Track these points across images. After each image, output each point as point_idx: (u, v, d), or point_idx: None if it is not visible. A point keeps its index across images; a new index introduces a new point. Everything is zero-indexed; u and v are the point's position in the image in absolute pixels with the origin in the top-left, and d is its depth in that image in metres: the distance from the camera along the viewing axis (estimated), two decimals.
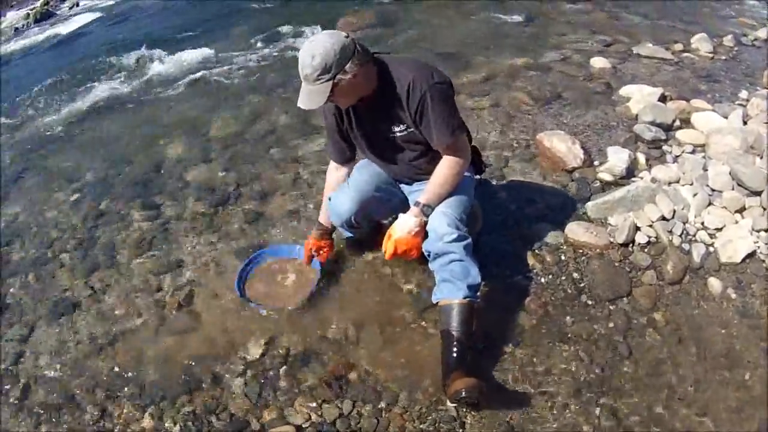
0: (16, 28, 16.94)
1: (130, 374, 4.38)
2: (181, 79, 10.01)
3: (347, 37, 3.70)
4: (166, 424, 3.99)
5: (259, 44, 11.24)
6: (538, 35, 10.18)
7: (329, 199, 4.62)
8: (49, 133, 8.71)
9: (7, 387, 4.45)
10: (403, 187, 4.59)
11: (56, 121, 9.02)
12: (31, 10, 17.70)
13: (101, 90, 9.99)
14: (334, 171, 4.70)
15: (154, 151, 7.54)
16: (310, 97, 3.73)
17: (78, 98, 9.74)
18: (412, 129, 4.04)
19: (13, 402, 4.32)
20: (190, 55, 10.91)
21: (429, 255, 4.08)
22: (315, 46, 3.63)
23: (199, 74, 10.10)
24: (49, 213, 6.56)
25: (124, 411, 4.12)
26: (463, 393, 3.53)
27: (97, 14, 16.42)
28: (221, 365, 4.32)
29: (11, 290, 5.46)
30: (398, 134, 4.11)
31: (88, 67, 11.12)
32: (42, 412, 4.21)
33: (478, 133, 5.65)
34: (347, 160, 4.62)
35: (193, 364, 4.37)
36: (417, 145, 4.18)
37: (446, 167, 4.07)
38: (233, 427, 3.91)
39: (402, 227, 4.08)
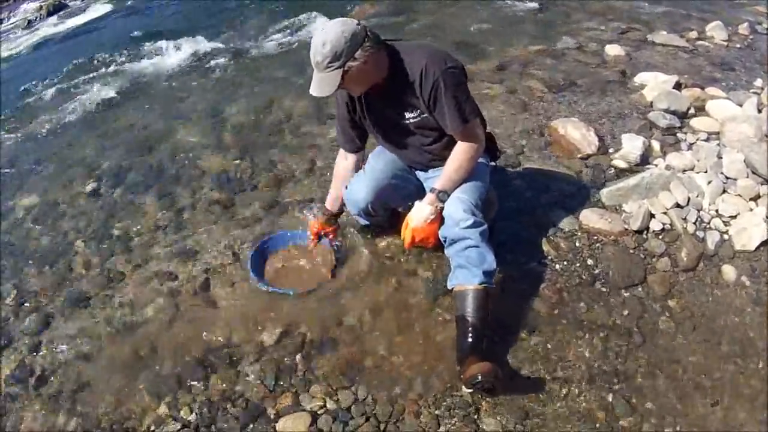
0: (29, 21, 16.96)
1: (145, 362, 4.39)
2: (196, 69, 10.04)
3: (358, 24, 3.71)
4: (182, 412, 4.00)
5: (273, 33, 11.26)
6: (552, 22, 10.18)
7: (345, 188, 4.61)
8: (64, 123, 8.74)
9: (24, 376, 4.47)
10: (419, 173, 4.59)
11: (71, 112, 9.04)
12: (44, 2, 17.72)
13: (115, 80, 10.01)
14: (343, 159, 4.71)
15: (169, 139, 7.56)
16: (322, 84, 3.77)
17: (92, 89, 9.76)
18: (425, 115, 4.04)
19: (30, 391, 4.34)
20: (204, 45, 10.92)
21: (445, 240, 4.10)
22: (326, 34, 3.66)
23: (213, 63, 10.13)
24: (65, 202, 6.58)
25: (140, 399, 4.13)
26: (479, 378, 3.54)
27: (110, 6, 16.44)
28: (237, 352, 4.34)
29: (27, 280, 5.47)
30: (411, 120, 4.12)
31: (101, 58, 11.13)
32: (58, 400, 4.23)
33: (492, 121, 5.65)
34: (357, 149, 4.62)
35: (209, 351, 4.38)
36: (431, 131, 4.19)
37: (461, 152, 4.08)
38: (249, 413, 3.93)
39: (418, 216, 4.11)
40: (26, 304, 5.19)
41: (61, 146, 7.98)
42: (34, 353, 4.67)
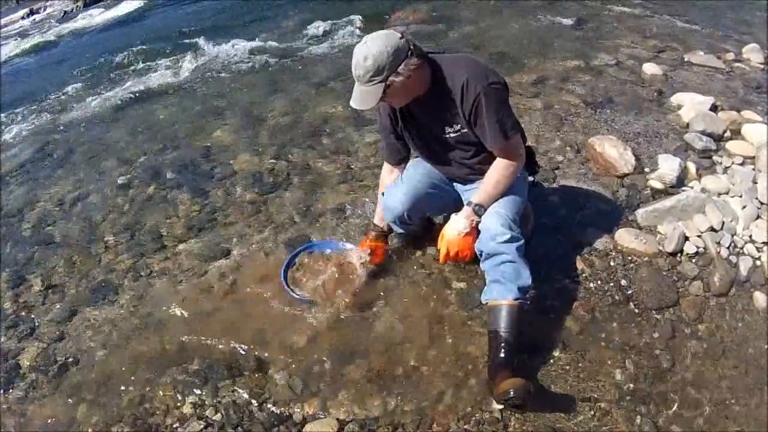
0: (65, 12, 17.08)
1: (172, 359, 4.39)
2: (233, 67, 10.11)
3: (401, 38, 3.71)
4: (207, 411, 4.00)
5: (311, 36, 11.32)
6: (590, 38, 10.14)
7: (382, 194, 4.62)
8: (97, 115, 8.82)
9: (47, 365, 4.52)
10: (457, 185, 4.58)
11: (106, 104, 9.12)
12: None
13: (152, 75, 10.10)
14: (388, 173, 4.71)
15: (204, 137, 7.61)
16: (363, 97, 3.77)
17: (128, 82, 9.85)
18: (465, 129, 4.04)
19: (52, 381, 4.38)
20: (242, 44, 10.99)
21: (481, 254, 4.07)
22: (368, 48, 3.66)
23: (250, 62, 10.19)
24: (97, 194, 6.64)
25: (165, 396, 4.13)
26: (512, 393, 3.52)
27: (147, 0, 16.50)
28: (266, 355, 4.32)
29: (56, 269, 5.54)
30: (452, 135, 4.12)
31: (139, 51, 11.22)
32: (80, 391, 4.25)
33: (529, 135, 5.61)
34: (401, 160, 4.62)
35: (237, 352, 4.37)
36: (470, 146, 4.18)
37: (500, 168, 4.07)
38: (275, 417, 3.91)
39: (453, 228, 4.11)
40: (53, 293, 5.26)
41: (93, 138, 8.06)
42: (58, 342, 4.73)
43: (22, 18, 19.21)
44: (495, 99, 3.86)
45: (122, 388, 4.22)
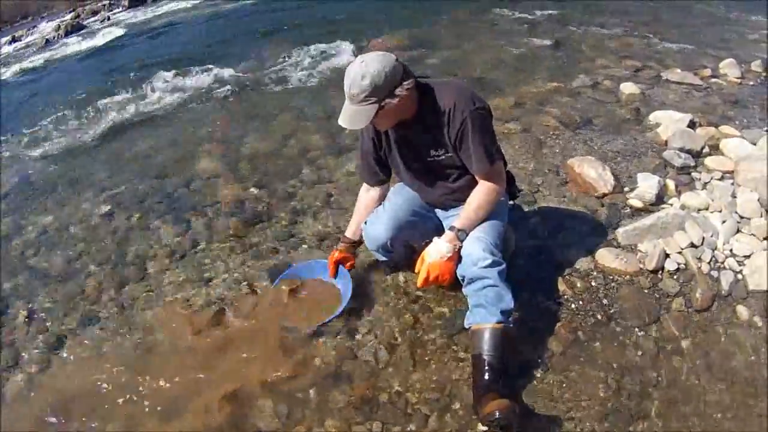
0: (47, 40, 17.10)
1: (157, 388, 4.37)
2: (212, 97, 10.14)
3: (397, 60, 3.72)
4: None
5: (290, 64, 11.34)
6: (567, 60, 10.24)
7: (365, 224, 4.60)
8: (79, 145, 8.82)
9: (33, 397, 4.51)
10: (438, 212, 4.59)
11: (86, 134, 9.13)
12: (62, 22, 17.83)
13: (130, 105, 10.11)
14: (365, 192, 4.71)
15: (185, 166, 7.62)
16: (354, 117, 3.75)
17: (109, 111, 9.85)
18: (450, 153, 4.05)
19: (39, 412, 4.35)
20: (220, 72, 11.02)
21: (463, 280, 4.08)
22: (366, 67, 3.64)
23: (229, 92, 10.24)
24: (79, 224, 6.65)
25: (151, 425, 4.11)
26: (497, 414, 3.51)
27: (127, 29, 16.61)
28: (251, 383, 4.29)
29: (39, 300, 5.54)
30: (436, 158, 4.13)
31: (117, 81, 11.26)
32: (67, 424, 4.23)
33: (508, 158, 5.64)
34: (380, 182, 4.62)
35: (222, 380, 4.35)
36: (454, 170, 4.19)
37: (482, 193, 4.09)
38: None
39: (435, 252, 4.08)
40: (36, 324, 5.26)
41: (74, 168, 8.08)
42: (43, 373, 4.72)
43: (5, 45, 19.24)
44: (480, 124, 3.89)
45: (108, 418, 4.20)
